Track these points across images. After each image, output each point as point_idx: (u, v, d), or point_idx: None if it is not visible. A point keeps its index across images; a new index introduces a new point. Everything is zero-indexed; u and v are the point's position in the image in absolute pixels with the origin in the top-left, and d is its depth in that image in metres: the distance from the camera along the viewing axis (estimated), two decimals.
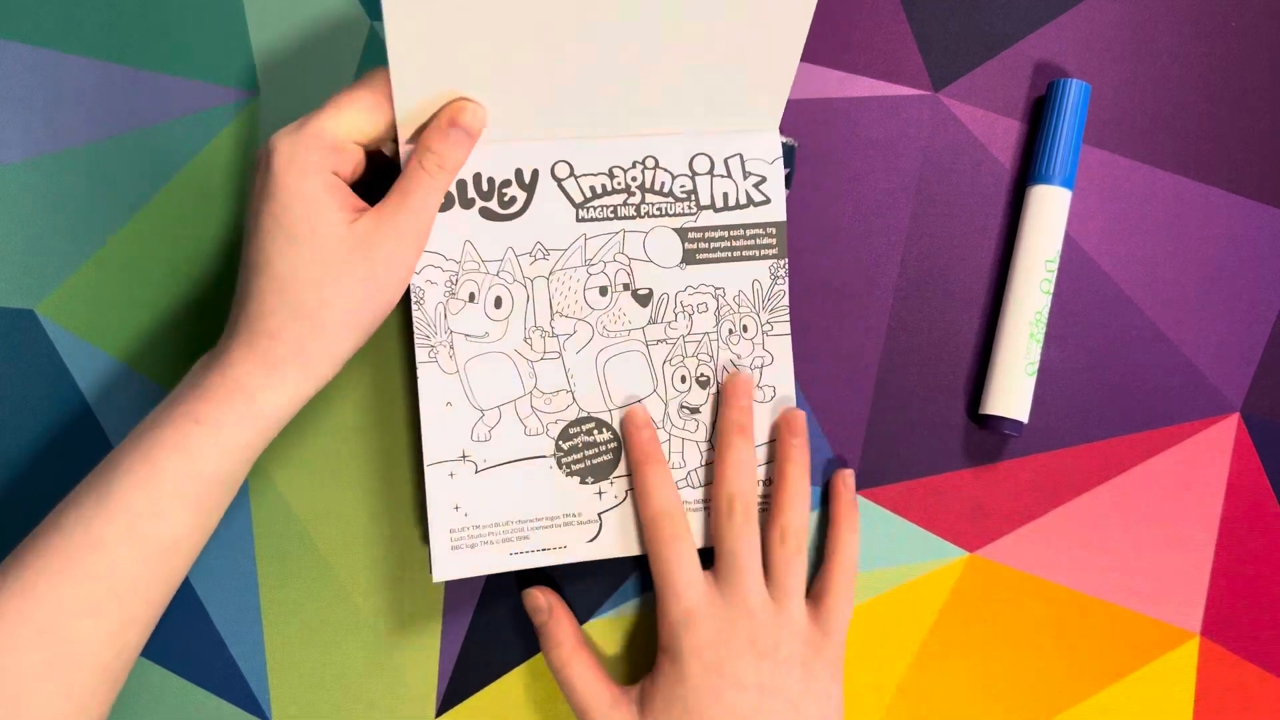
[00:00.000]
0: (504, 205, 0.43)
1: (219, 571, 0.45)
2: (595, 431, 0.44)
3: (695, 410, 0.44)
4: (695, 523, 0.44)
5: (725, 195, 0.44)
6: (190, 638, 0.44)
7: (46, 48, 0.46)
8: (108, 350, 0.45)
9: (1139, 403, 0.48)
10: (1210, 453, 0.48)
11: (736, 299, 0.44)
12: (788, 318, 0.45)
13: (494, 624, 0.45)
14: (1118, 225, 0.48)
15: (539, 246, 0.43)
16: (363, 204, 0.39)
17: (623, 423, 0.44)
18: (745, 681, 0.39)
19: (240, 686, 0.44)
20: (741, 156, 0.44)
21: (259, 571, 0.45)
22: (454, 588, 0.45)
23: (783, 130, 0.45)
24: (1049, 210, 0.46)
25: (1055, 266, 0.46)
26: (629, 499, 0.44)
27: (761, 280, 0.45)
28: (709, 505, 0.44)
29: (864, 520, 0.47)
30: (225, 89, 0.46)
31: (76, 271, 0.45)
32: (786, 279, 0.45)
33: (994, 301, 0.47)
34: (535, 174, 0.43)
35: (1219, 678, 0.47)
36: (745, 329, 0.45)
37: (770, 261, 0.45)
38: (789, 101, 0.47)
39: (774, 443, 0.44)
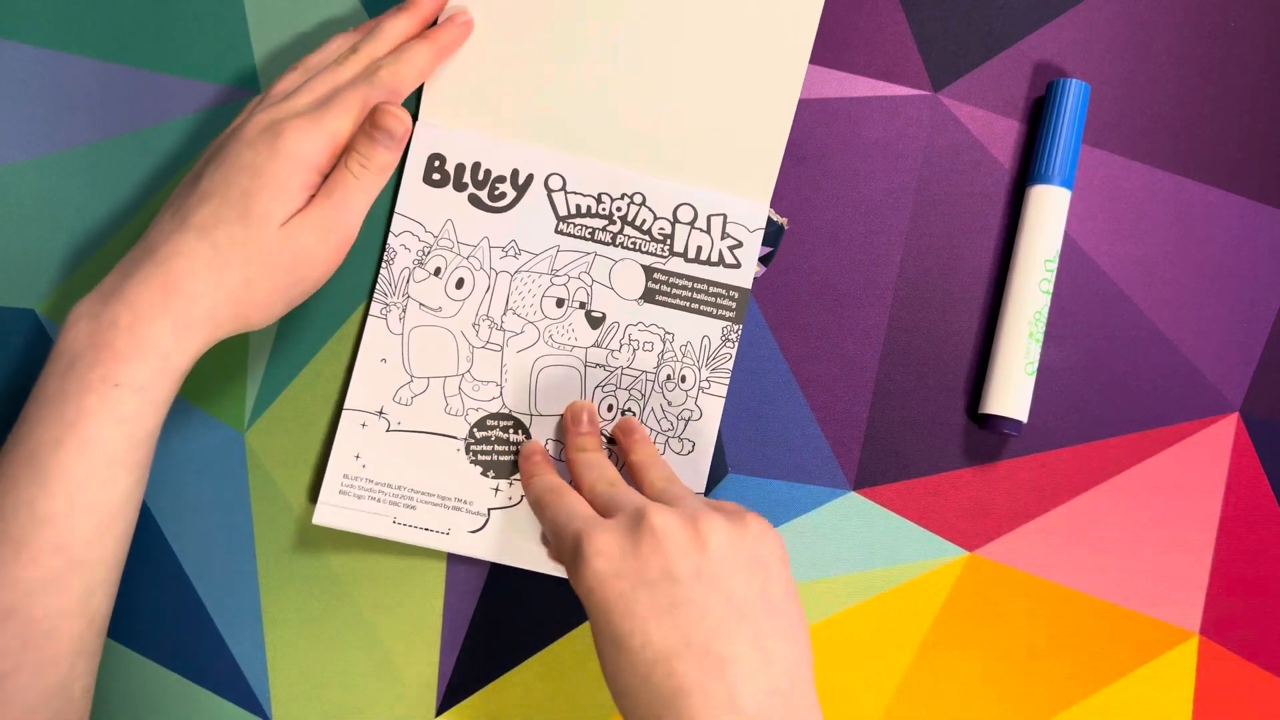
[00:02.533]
0: (493, 198, 0.45)
1: (219, 571, 0.45)
2: (511, 430, 0.45)
3: (612, 441, 0.45)
4: None
5: (699, 249, 0.46)
6: (190, 638, 0.44)
7: (46, 48, 0.46)
8: None
9: (1138, 403, 0.48)
10: (1209, 453, 0.48)
11: (683, 348, 0.46)
12: (727, 381, 0.46)
13: (494, 624, 0.45)
14: (1117, 225, 0.48)
15: (513, 244, 0.45)
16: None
17: (518, 457, 0.45)
18: (650, 577, 0.33)
19: (240, 686, 0.44)
20: (725, 217, 0.46)
21: (259, 571, 0.45)
22: (454, 587, 0.45)
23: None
24: (1048, 210, 0.46)
25: (1055, 266, 0.46)
26: (523, 505, 0.44)
27: (712, 337, 0.46)
28: None
29: (864, 520, 0.47)
30: (225, 89, 0.46)
31: (76, 271, 0.45)
32: (736, 344, 0.46)
33: (994, 301, 0.47)
34: (530, 178, 0.45)
35: (1218, 677, 0.47)
36: (684, 379, 0.46)
37: (725, 323, 0.46)
38: None
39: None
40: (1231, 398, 0.48)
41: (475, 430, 0.45)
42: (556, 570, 0.45)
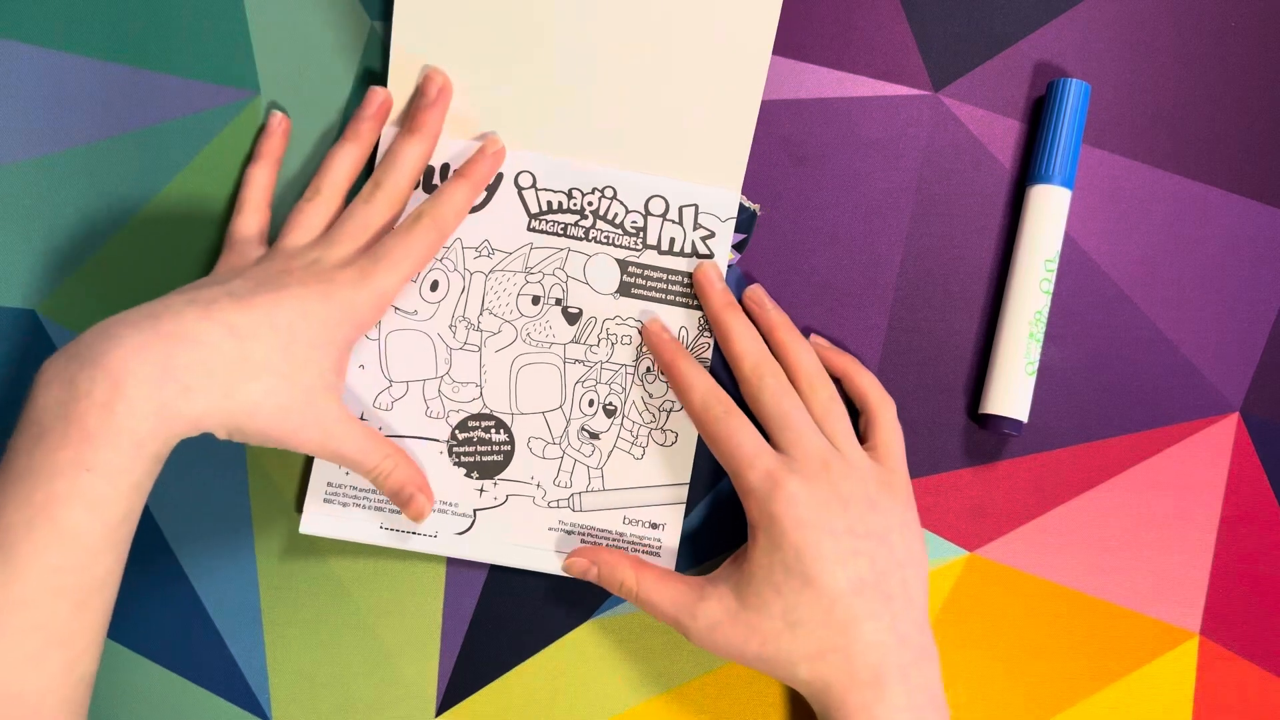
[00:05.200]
0: None
1: (219, 571, 0.45)
2: (493, 430, 0.45)
3: (595, 436, 0.45)
4: (568, 547, 0.45)
5: (672, 240, 0.46)
6: (190, 638, 0.44)
7: (47, 48, 0.46)
8: None
9: (1139, 403, 0.48)
10: (1210, 453, 0.48)
11: None
12: (706, 370, 0.45)
13: (494, 624, 0.45)
14: (1118, 225, 0.48)
15: (486, 244, 0.45)
16: (345, 372, 0.40)
17: (643, 334, 0.45)
18: (837, 529, 0.39)
19: (240, 686, 0.44)
20: (697, 208, 0.46)
21: (259, 571, 0.45)
22: (454, 587, 0.45)
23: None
24: (1049, 210, 0.46)
25: (1055, 266, 0.46)
26: (509, 505, 0.45)
27: (689, 328, 0.46)
28: (590, 536, 0.45)
29: None
30: (225, 89, 0.46)
31: (76, 271, 0.45)
32: (713, 336, 0.45)
33: (994, 301, 0.47)
34: (499, 178, 0.46)
35: (1219, 677, 0.47)
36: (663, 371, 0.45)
37: (702, 313, 0.46)
38: (789, 101, 0.47)
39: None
40: (1232, 398, 0.48)
41: (457, 432, 0.45)
42: (545, 568, 0.45)
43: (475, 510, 0.45)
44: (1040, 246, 0.46)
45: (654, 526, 0.45)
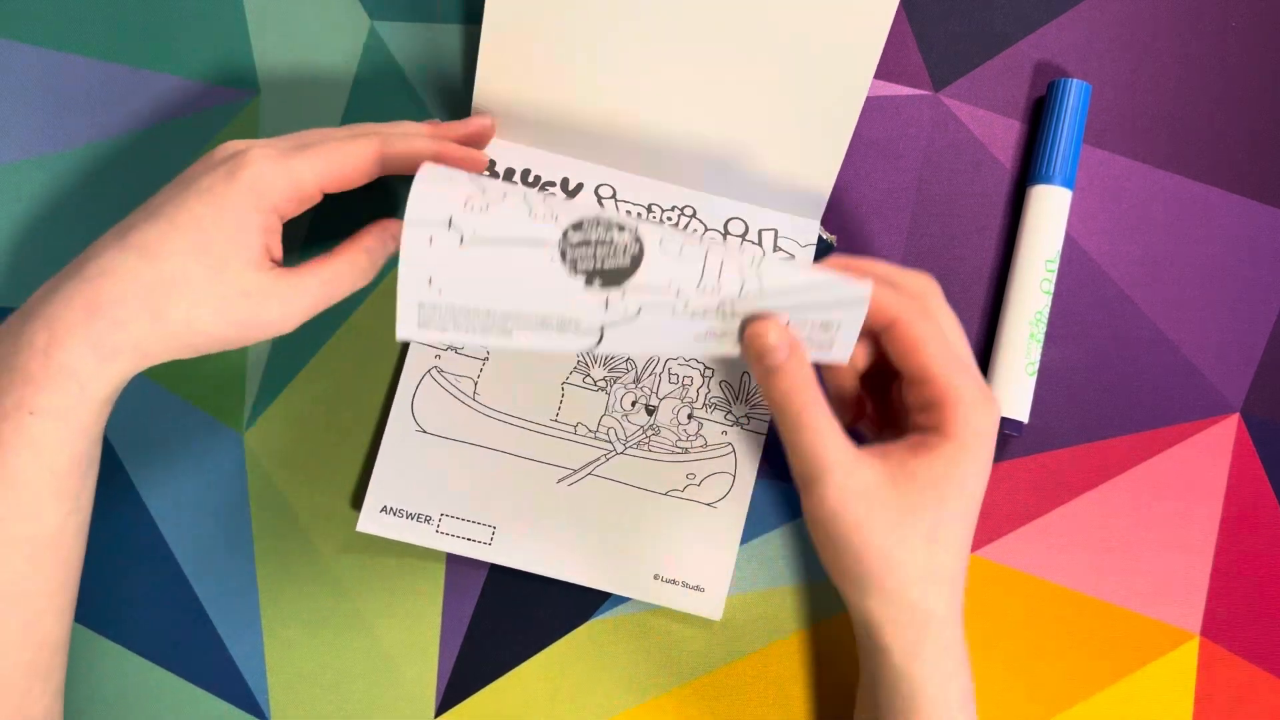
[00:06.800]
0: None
1: (219, 571, 0.45)
2: (615, 231, 0.34)
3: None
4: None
5: None
6: (190, 638, 0.44)
7: (47, 48, 0.46)
8: None
9: (1139, 403, 0.48)
10: (1210, 453, 0.48)
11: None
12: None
13: (493, 624, 0.45)
14: (1118, 225, 0.48)
15: None
16: (278, 255, 0.38)
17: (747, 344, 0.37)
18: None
19: (240, 686, 0.44)
20: (777, 232, 0.45)
21: (259, 572, 0.45)
22: (453, 587, 0.45)
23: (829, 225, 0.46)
24: (1049, 210, 0.46)
25: (1055, 266, 0.46)
26: (642, 318, 0.35)
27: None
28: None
29: None
30: (225, 89, 0.46)
31: None
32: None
33: (994, 301, 0.47)
34: (580, 186, 0.45)
35: (1219, 678, 0.47)
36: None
37: None
38: None
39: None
40: (1232, 398, 0.48)
41: (571, 231, 0.34)
42: (578, 580, 0.45)
43: (602, 326, 0.35)
44: (1041, 246, 0.46)
45: (825, 328, 0.36)
